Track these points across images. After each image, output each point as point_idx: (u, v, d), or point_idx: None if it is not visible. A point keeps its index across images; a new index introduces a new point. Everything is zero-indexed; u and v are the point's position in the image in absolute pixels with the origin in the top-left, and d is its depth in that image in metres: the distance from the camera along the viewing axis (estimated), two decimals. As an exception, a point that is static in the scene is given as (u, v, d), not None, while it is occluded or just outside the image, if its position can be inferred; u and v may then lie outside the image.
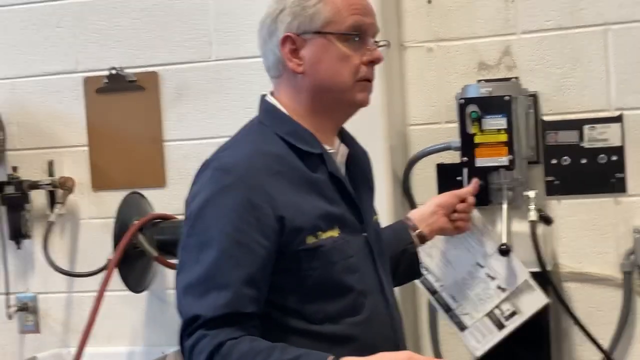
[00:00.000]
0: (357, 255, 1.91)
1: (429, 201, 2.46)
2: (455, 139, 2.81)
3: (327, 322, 1.85)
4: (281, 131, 1.91)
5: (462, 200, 2.47)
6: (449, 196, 2.46)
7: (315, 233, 1.84)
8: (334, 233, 1.87)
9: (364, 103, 1.96)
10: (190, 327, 1.77)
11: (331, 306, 1.86)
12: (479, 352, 2.71)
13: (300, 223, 1.82)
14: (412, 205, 3.00)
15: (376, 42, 1.95)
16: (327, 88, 1.91)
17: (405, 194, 3.01)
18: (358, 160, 2.05)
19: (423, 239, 2.37)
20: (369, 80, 1.95)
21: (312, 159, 1.90)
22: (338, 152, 1.99)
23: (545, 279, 2.75)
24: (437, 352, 3.01)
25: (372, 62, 1.94)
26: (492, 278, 2.68)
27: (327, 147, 1.94)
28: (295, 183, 1.85)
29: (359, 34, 1.91)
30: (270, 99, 1.97)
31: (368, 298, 1.91)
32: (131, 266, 3.09)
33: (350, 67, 1.91)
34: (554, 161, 2.92)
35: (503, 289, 2.67)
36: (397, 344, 1.97)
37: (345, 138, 2.04)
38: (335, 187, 1.92)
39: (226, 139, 3.14)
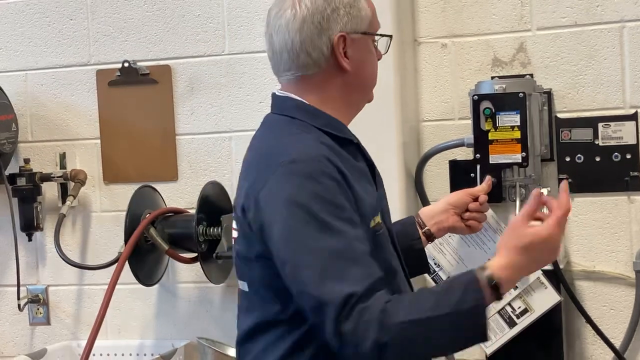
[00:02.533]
0: (391, 240, 1.99)
1: (442, 199, 2.44)
2: (469, 135, 2.80)
3: None
4: (318, 124, 1.93)
5: (475, 199, 2.46)
6: (462, 194, 2.44)
7: (372, 218, 1.89)
8: (379, 219, 1.92)
9: None
10: (345, 308, 1.70)
11: (388, 288, 1.86)
12: (490, 350, 2.71)
13: (363, 208, 1.86)
14: (424, 201, 2.99)
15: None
16: (365, 86, 2.00)
17: (418, 191, 3.00)
18: None
19: (430, 237, 2.35)
20: None
21: (351, 148, 1.95)
22: None
23: (557, 277, 2.74)
24: (447, 349, 3.00)
25: None
26: (504, 275, 2.67)
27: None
28: (349, 170, 1.88)
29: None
30: (294, 96, 1.96)
31: (402, 282, 1.99)
32: (142, 259, 3.09)
33: (376, 66, 2.02)
34: (567, 159, 2.91)
35: (515, 287, 2.67)
36: None
37: None
38: (371, 175, 1.98)
39: (238, 133, 3.19)
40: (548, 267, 2.72)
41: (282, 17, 1.93)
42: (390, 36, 2.03)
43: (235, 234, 1.94)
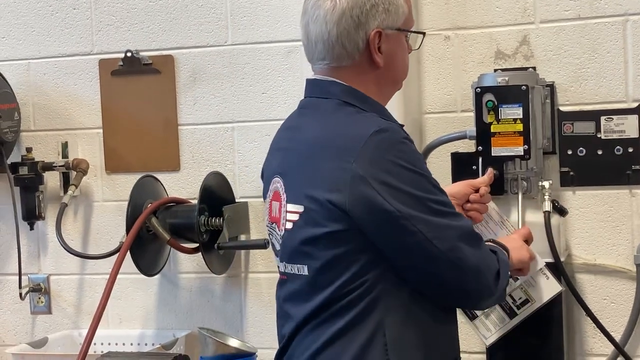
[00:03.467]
0: None
1: None
2: (471, 127, 2.81)
3: None
4: (367, 109, 1.98)
5: (476, 190, 2.46)
6: (463, 186, 2.46)
7: None
8: None
9: None
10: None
11: None
12: (490, 341, 2.71)
13: None
14: (426, 193, 2.99)
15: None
16: (395, 81, 2.06)
17: (419, 182, 3.00)
18: None
19: None
20: None
21: None
22: None
23: (558, 269, 2.74)
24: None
25: None
26: (505, 268, 2.67)
27: None
28: None
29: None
30: (340, 81, 2.00)
31: None
32: (144, 249, 3.10)
33: (407, 59, 2.08)
34: (569, 152, 2.91)
35: (516, 278, 2.66)
36: None
37: None
38: None
39: (241, 124, 3.20)
40: (549, 259, 2.72)
41: (321, 8, 1.96)
42: (424, 33, 2.09)
43: (292, 218, 1.95)
